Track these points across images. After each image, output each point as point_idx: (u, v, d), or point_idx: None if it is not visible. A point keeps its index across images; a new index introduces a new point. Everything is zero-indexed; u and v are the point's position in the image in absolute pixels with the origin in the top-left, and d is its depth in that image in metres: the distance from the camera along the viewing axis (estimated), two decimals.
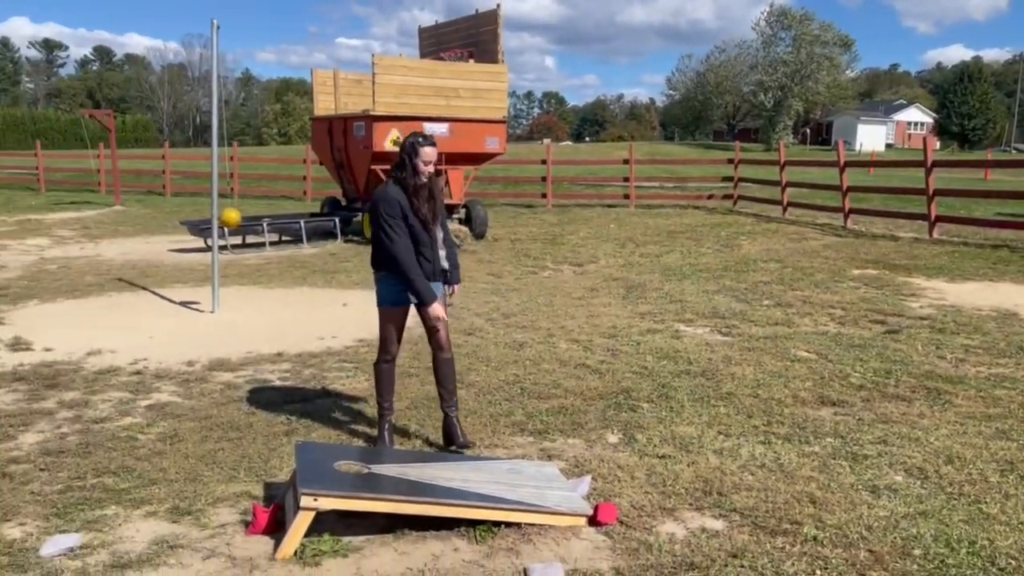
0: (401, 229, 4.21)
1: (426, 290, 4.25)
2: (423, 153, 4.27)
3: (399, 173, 4.30)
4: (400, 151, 4.32)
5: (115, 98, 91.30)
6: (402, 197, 4.24)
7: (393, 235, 4.19)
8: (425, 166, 4.28)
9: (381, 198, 4.26)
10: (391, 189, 4.27)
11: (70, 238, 14.22)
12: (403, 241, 4.21)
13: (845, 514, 3.60)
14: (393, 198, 4.23)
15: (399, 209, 4.21)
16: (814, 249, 12.03)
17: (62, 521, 3.59)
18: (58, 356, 6.34)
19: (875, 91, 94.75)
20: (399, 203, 4.22)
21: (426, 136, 4.37)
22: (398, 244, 4.19)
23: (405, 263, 4.20)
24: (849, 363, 6.05)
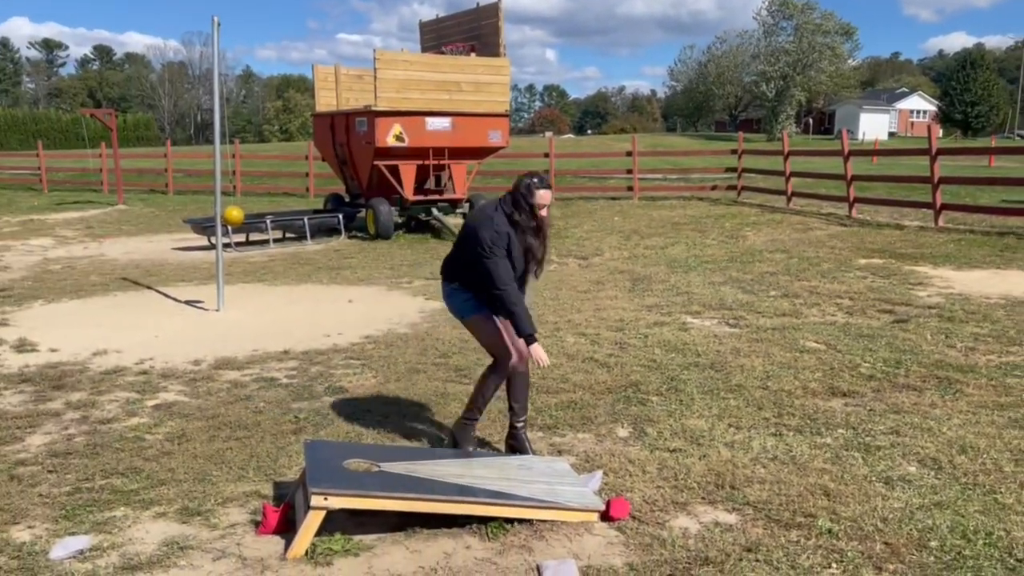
0: (505, 260, 3.94)
1: (531, 324, 3.95)
2: (539, 196, 3.99)
3: (514, 212, 4.00)
4: (514, 190, 4.03)
5: (116, 97, 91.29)
6: (512, 232, 3.98)
7: (500, 262, 3.92)
8: (540, 209, 4.03)
9: (489, 226, 3.95)
10: (500, 222, 3.97)
11: (73, 238, 14.22)
12: (507, 269, 3.94)
13: (859, 506, 3.57)
14: (504, 232, 3.95)
15: (506, 243, 3.95)
16: (820, 239, 11.97)
17: (71, 523, 3.57)
18: (64, 357, 6.32)
19: (877, 80, 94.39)
20: (509, 237, 3.96)
21: (541, 177, 4.07)
22: (502, 271, 3.91)
23: (509, 292, 3.90)
24: (858, 353, 6.01)
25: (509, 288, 3.93)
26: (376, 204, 13.36)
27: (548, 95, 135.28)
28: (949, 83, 70.70)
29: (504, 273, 3.93)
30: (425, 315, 7.71)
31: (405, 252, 12.01)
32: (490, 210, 4.06)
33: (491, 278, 3.93)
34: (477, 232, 3.99)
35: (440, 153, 13.54)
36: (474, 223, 4.07)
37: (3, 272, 10.56)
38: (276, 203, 19.88)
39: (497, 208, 4.05)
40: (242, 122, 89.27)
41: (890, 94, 76.93)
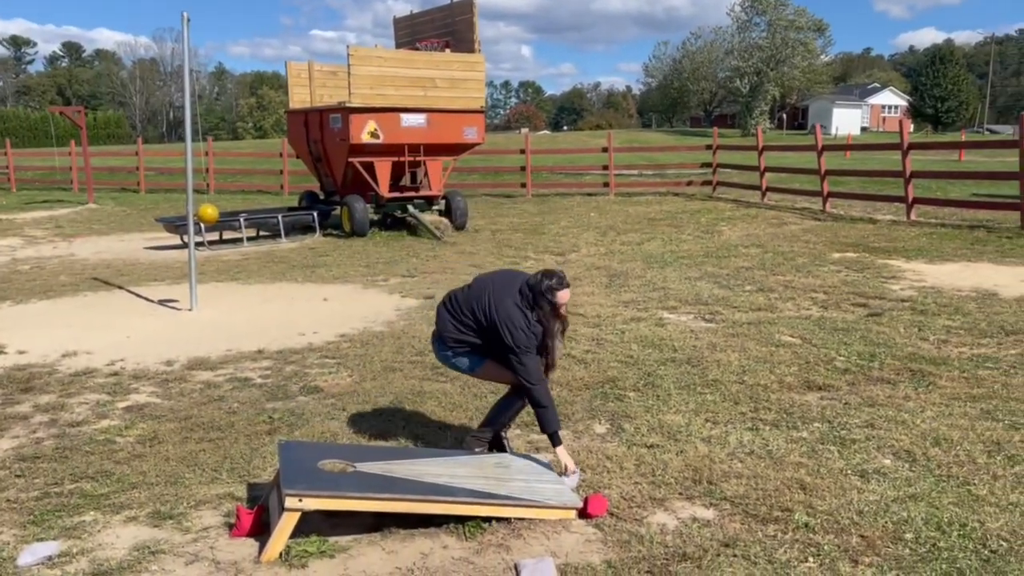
0: (536, 357, 3.85)
1: (557, 421, 3.87)
2: (560, 297, 3.87)
3: (539, 313, 3.87)
4: (538, 290, 3.86)
5: (86, 94, 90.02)
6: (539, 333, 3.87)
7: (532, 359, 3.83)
8: (561, 309, 3.93)
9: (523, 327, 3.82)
10: (532, 322, 3.85)
11: (43, 238, 13.98)
12: (538, 367, 3.86)
13: (835, 499, 3.59)
14: (537, 332, 3.85)
15: (535, 343, 3.85)
16: (794, 233, 12.06)
17: (39, 529, 3.49)
18: (32, 359, 6.21)
19: (849, 75, 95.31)
20: (536, 337, 3.85)
21: (560, 277, 3.90)
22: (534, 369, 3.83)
23: (540, 390, 3.82)
24: (833, 347, 6.05)
25: (541, 386, 3.84)
26: (351, 201, 13.27)
27: (524, 91, 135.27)
28: (919, 78, 71.62)
29: (536, 370, 3.84)
30: (401, 313, 7.66)
31: (381, 250, 11.93)
32: (515, 310, 3.86)
33: (525, 375, 3.82)
34: (510, 333, 3.82)
35: (415, 150, 13.46)
36: (501, 321, 3.84)
37: None
38: (250, 201, 19.70)
39: (521, 308, 3.87)
40: (215, 119, 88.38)
41: (862, 89, 77.75)
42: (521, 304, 3.87)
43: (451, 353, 4.08)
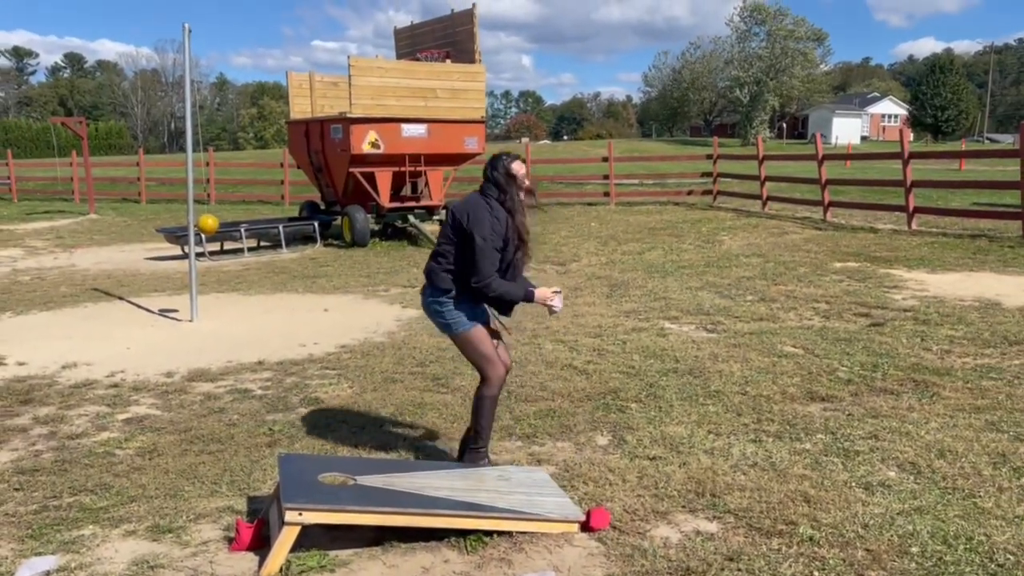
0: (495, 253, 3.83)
1: (522, 288, 3.92)
2: (516, 167, 3.91)
3: (500, 195, 3.89)
4: (491, 172, 3.92)
5: (87, 105, 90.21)
6: (509, 219, 3.86)
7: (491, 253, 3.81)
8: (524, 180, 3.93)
9: (487, 215, 3.82)
10: (496, 209, 3.86)
11: (43, 248, 13.98)
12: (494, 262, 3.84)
13: (840, 512, 3.55)
14: (503, 218, 3.84)
15: (504, 232, 3.84)
16: (795, 243, 12.05)
17: (37, 543, 3.46)
18: (32, 370, 6.19)
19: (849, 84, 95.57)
20: (507, 224, 3.84)
21: (508, 154, 3.97)
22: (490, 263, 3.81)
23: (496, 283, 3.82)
24: (836, 357, 6.03)
25: (494, 280, 3.84)
26: (352, 211, 13.27)
27: (524, 101, 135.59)
28: (919, 88, 71.75)
29: (492, 265, 3.83)
30: (402, 323, 7.64)
31: (381, 260, 11.92)
32: (480, 202, 3.90)
33: (482, 265, 3.80)
34: (474, 222, 3.81)
35: (416, 160, 13.48)
36: (466, 215, 3.86)
37: None
38: (251, 211, 19.70)
39: (486, 199, 3.91)
40: (216, 130, 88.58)
41: (862, 98, 77.95)
42: (483, 196, 3.94)
43: (438, 300, 3.96)
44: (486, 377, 4.04)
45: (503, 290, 3.88)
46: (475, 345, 4.00)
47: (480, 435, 4.08)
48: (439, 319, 4.02)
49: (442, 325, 4.03)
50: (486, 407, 4.04)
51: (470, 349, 4.02)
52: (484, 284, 3.83)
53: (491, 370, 4.02)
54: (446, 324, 4.00)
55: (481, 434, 4.08)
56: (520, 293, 3.94)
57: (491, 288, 3.85)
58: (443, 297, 3.95)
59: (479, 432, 4.08)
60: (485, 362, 4.02)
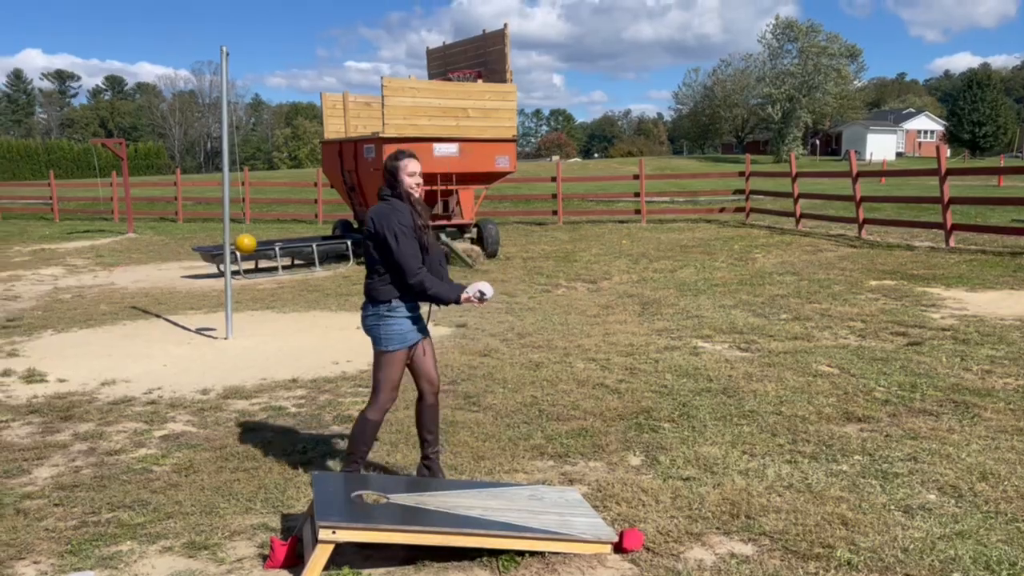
0: (413, 244, 3.93)
1: (452, 289, 4.01)
2: (403, 164, 4.02)
3: (394, 191, 4.04)
4: (385, 172, 4.07)
5: (127, 126, 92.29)
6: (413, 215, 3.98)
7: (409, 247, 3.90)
8: (411, 177, 4.03)
9: (391, 216, 3.93)
10: (395, 203, 4.01)
11: (84, 267, 14.27)
12: (416, 255, 3.93)
13: (879, 536, 3.49)
14: (406, 212, 3.96)
15: (412, 227, 3.95)
16: (830, 261, 11.91)
17: (76, 558, 3.52)
18: (72, 387, 6.30)
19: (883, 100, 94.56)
20: (412, 218, 3.96)
21: (404, 151, 4.13)
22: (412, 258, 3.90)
23: (423, 279, 3.91)
24: (873, 377, 5.94)
25: (421, 274, 3.93)
26: None
27: (554, 119, 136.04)
28: (956, 103, 70.71)
29: (415, 257, 3.93)
30: (434, 341, 7.65)
31: None
32: (382, 205, 4.03)
33: (405, 262, 3.90)
34: (383, 228, 3.93)
35: (448, 179, 13.57)
36: (373, 221, 3.97)
37: (14, 302, 10.59)
38: (285, 229, 19.96)
39: (386, 200, 4.04)
40: (251, 149, 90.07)
41: (897, 114, 77.07)
42: (383, 200, 4.06)
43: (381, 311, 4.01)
44: (377, 401, 4.08)
45: (435, 290, 3.99)
46: (388, 368, 4.06)
47: (353, 458, 4.11)
48: (374, 333, 4.07)
49: (374, 339, 4.08)
50: (367, 430, 4.10)
51: (382, 369, 4.07)
52: (417, 281, 3.94)
53: (386, 395, 4.08)
54: (377, 339, 4.06)
55: (355, 457, 4.11)
56: (452, 296, 4.02)
57: (424, 285, 3.95)
58: (383, 311, 4.01)
59: (353, 455, 4.11)
60: (386, 387, 4.08)
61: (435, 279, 4.01)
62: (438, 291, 4.00)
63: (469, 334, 7.90)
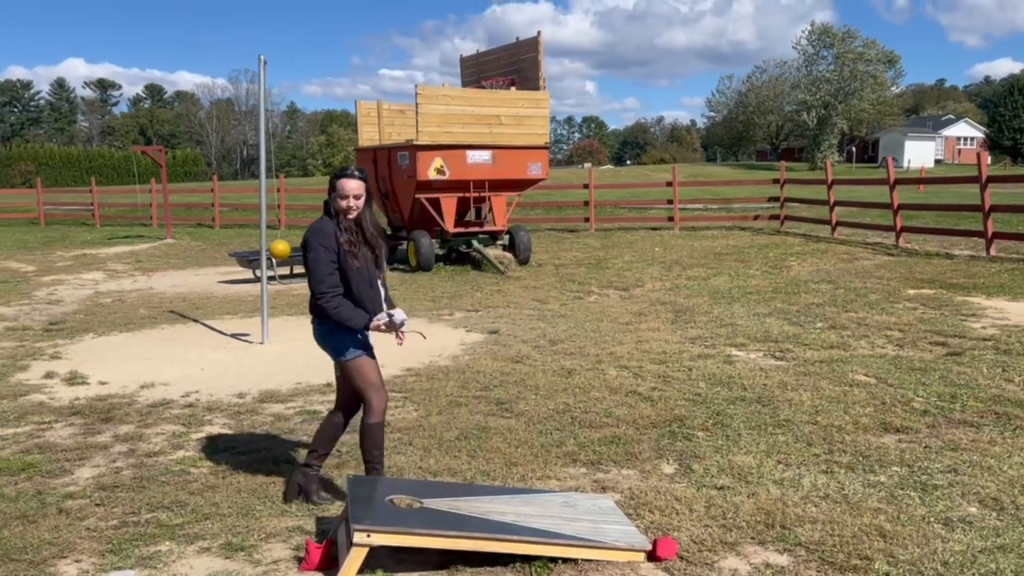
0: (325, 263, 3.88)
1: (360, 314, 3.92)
2: (340, 184, 3.94)
3: (329, 208, 4.01)
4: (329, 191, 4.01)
5: (166, 134, 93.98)
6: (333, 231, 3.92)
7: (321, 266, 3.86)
8: (343, 199, 3.93)
9: (314, 230, 3.94)
10: (325, 221, 3.97)
11: (124, 272, 14.54)
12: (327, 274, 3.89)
13: (918, 549, 3.43)
14: (329, 231, 3.91)
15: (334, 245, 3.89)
16: (866, 269, 11.75)
17: (117, 557, 3.59)
18: (113, 389, 6.43)
19: (922, 106, 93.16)
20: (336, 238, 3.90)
21: (347, 168, 4.04)
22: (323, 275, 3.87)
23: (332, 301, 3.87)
24: (911, 387, 5.84)
25: (327, 296, 3.87)
26: (417, 237, 13.47)
27: (587, 126, 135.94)
28: (997, 109, 69.43)
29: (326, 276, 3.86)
30: (466, 347, 7.69)
31: (446, 284, 12.05)
32: (314, 223, 4.03)
33: (314, 278, 3.88)
34: (304, 244, 3.94)
35: (481, 186, 13.63)
36: (304, 238, 3.98)
37: (56, 306, 10.83)
38: None
39: (321, 218, 4.03)
40: (287, 156, 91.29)
41: (936, 121, 75.84)
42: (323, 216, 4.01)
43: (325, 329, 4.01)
44: (370, 406, 4.05)
45: (341, 314, 3.90)
46: (362, 374, 4.04)
47: (373, 465, 4.09)
48: (329, 345, 4.05)
49: (332, 351, 4.06)
50: (375, 435, 4.08)
51: (356, 377, 4.04)
52: (320, 298, 3.88)
53: (376, 398, 4.06)
54: (335, 350, 4.03)
55: (374, 463, 4.09)
56: (359, 322, 3.93)
57: (329, 306, 3.88)
58: (332, 325, 3.98)
59: (371, 462, 4.09)
60: (371, 390, 4.05)
61: (345, 303, 3.91)
62: (341, 315, 3.90)
63: (501, 340, 7.92)
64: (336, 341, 4.03)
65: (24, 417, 5.71)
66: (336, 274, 3.92)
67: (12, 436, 5.30)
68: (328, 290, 3.89)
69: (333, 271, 3.90)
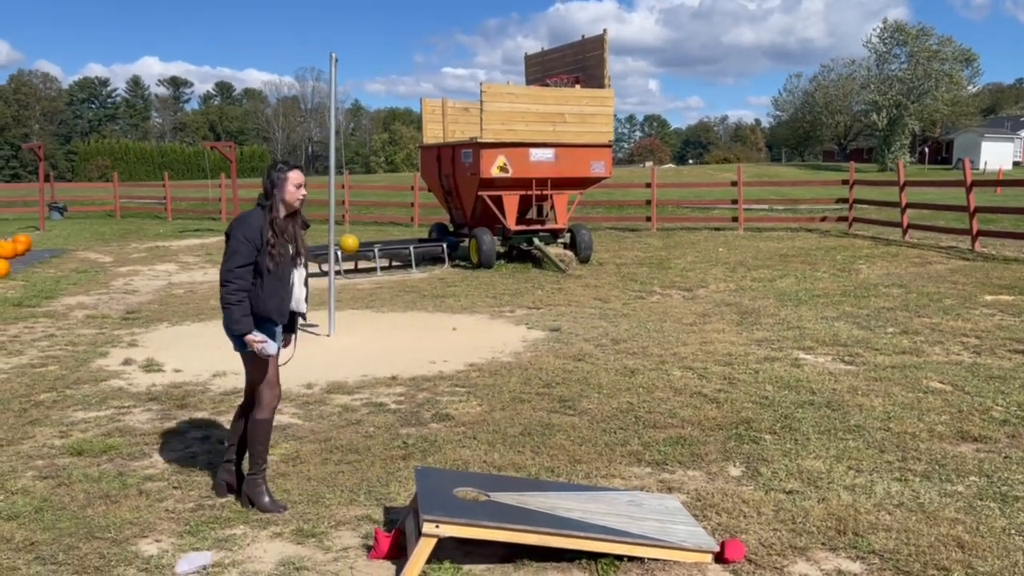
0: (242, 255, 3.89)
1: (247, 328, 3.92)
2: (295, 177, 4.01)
3: (262, 201, 4.02)
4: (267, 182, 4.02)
5: (234, 130, 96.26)
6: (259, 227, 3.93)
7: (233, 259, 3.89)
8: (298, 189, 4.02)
9: (238, 223, 3.96)
10: (255, 213, 3.98)
11: (195, 264, 14.97)
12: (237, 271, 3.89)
13: (999, 561, 3.33)
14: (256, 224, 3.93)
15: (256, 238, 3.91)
16: (940, 273, 11.40)
17: (195, 539, 3.71)
18: (187, 377, 6.63)
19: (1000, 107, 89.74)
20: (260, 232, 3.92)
21: (286, 161, 4.11)
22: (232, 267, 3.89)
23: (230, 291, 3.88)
24: (989, 395, 5.66)
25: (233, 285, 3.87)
26: (479, 234, 13.54)
27: (648, 125, 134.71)
28: None
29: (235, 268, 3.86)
30: (528, 344, 7.72)
31: (507, 281, 12.10)
32: (245, 212, 4.01)
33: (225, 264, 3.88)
34: (231, 230, 3.93)
35: (543, 184, 13.64)
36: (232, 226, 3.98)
37: (132, 296, 11.21)
38: (382, 232, 20.43)
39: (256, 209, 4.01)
40: (350, 153, 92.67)
41: (1014, 121, 72.93)
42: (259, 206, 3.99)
43: None
44: (262, 401, 4.05)
45: (231, 311, 3.88)
46: (260, 368, 4.04)
47: (256, 460, 4.05)
48: (233, 335, 4.01)
49: (235, 340, 4.03)
50: (261, 431, 4.06)
51: (256, 369, 4.05)
52: (224, 287, 3.87)
53: (268, 394, 4.07)
54: (237, 339, 4.01)
55: (257, 459, 4.05)
56: (238, 328, 3.89)
57: (228, 298, 3.86)
58: None
59: (254, 457, 4.06)
60: (266, 386, 4.07)
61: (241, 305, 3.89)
62: (231, 312, 3.90)
63: (563, 338, 7.92)
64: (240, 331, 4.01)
65: (105, 401, 5.94)
66: (249, 269, 3.93)
67: (95, 419, 5.51)
68: (234, 280, 3.90)
69: (246, 264, 3.91)
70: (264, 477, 4.12)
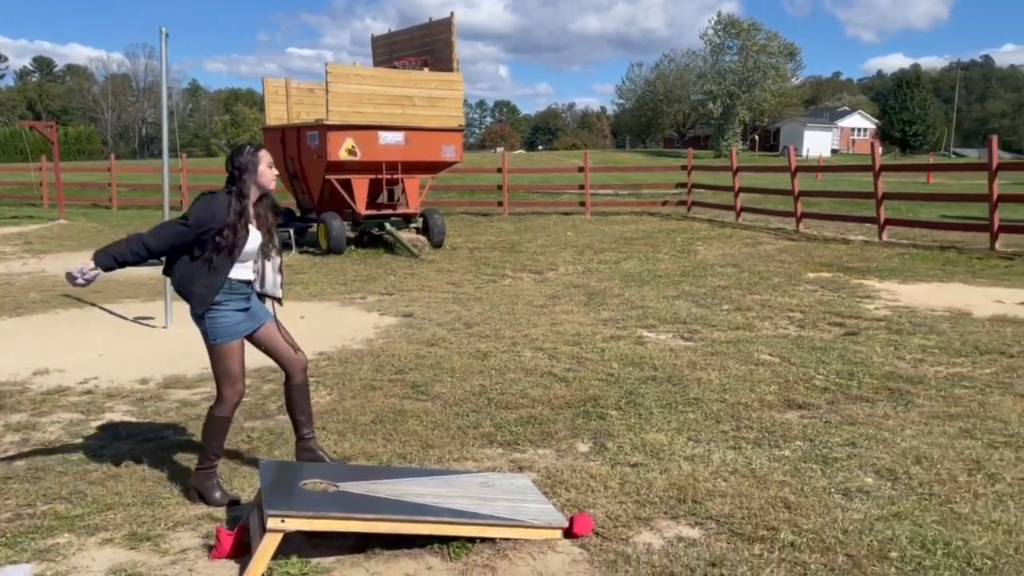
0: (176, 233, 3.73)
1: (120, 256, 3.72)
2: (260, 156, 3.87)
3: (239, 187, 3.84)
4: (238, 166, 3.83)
5: (57, 109, 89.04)
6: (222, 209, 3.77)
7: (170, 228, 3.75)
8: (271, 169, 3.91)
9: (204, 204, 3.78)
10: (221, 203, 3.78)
11: (12, 254, 13.74)
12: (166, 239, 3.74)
13: (820, 518, 3.59)
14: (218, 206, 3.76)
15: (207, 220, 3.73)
16: (769, 253, 12.19)
17: (11, 551, 3.39)
18: (2, 377, 6.07)
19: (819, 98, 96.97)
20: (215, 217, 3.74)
21: (250, 143, 3.99)
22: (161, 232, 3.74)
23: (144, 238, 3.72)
24: (812, 366, 6.10)
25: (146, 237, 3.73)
26: (328, 219, 13.20)
27: (499, 111, 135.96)
28: (887, 102, 73.14)
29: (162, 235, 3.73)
30: (380, 331, 7.60)
31: (358, 267, 11.87)
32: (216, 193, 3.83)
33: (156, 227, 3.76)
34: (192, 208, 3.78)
35: (393, 167, 13.45)
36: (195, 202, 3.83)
37: None
38: None
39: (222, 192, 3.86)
40: (189, 136, 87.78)
41: (832, 112, 79.14)
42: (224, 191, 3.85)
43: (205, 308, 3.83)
44: (221, 396, 3.96)
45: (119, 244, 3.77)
46: (224, 360, 3.92)
47: (207, 455, 3.97)
48: (201, 327, 3.91)
49: (203, 333, 3.92)
50: (215, 427, 3.97)
51: (218, 363, 3.94)
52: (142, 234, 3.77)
53: (229, 390, 3.95)
54: (204, 333, 3.90)
55: (207, 454, 3.97)
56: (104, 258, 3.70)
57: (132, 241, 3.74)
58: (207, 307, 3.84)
59: (205, 451, 3.98)
60: (226, 381, 3.95)
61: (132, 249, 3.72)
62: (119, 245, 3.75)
63: (416, 324, 7.86)
64: (211, 323, 3.85)
65: None
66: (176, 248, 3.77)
67: None
68: (151, 241, 3.72)
69: (175, 242, 3.75)
70: (215, 471, 3.93)
